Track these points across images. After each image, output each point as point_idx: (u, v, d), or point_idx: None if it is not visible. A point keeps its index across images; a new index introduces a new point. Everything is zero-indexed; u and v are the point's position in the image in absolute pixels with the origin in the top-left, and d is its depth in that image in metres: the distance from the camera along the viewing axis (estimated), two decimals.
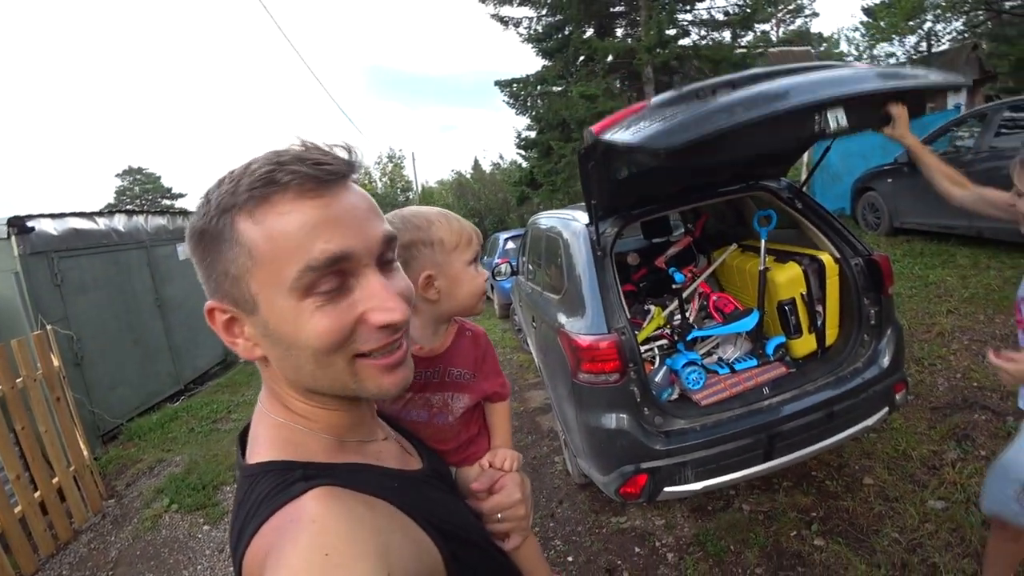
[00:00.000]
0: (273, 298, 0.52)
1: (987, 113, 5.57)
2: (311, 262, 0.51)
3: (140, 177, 41.80)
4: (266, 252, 0.51)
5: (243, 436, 0.64)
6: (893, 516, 2.44)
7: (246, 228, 0.51)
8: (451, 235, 0.94)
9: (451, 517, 0.67)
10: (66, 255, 5.06)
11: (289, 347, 0.54)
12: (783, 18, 32.76)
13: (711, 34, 11.74)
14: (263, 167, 0.52)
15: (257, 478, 0.55)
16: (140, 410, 5.77)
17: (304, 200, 0.52)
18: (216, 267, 0.53)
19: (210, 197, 0.53)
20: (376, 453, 0.66)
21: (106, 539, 3.50)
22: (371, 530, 0.50)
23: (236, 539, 0.53)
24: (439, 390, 0.94)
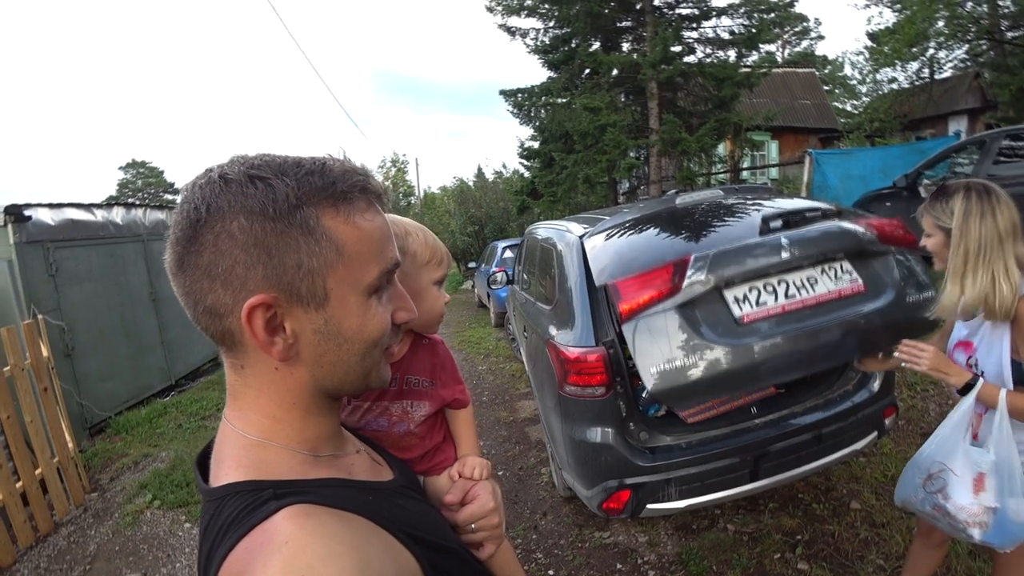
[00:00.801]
0: (347, 295, 0.55)
1: (986, 141, 5.61)
2: (386, 266, 0.59)
3: (143, 171, 41.93)
4: (354, 252, 0.55)
5: (202, 460, 0.61)
6: (879, 542, 2.43)
7: (335, 225, 0.54)
8: (424, 250, 0.96)
9: (427, 526, 0.66)
10: (62, 245, 5.05)
11: (345, 341, 0.57)
12: (789, 39, 33.17)
13: (716, 53, 11.80)
14: (357, 174, 0.57)
15: (224, 500, 0.52)
16: (129, 404, 5.73)
17: (377, 212, 0.59)
18: (285, 257, 0.51)
19: (270, 184, 0.51)
20: (348, 467, 0.66)
21: (86, 533, 3.47)
22: (348, 547, 0.48)
23: (204, 566, 0.50)
24: (397, 398, 0.94)
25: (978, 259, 1.42)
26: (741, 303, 2.05)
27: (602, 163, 10.81)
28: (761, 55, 12.22)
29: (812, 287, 2.08)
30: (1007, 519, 1.41)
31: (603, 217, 2.89)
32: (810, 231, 2.13)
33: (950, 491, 1.48)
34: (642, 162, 12.21)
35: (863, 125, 15.63)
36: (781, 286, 2.08)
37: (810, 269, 2.12)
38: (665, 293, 1.96)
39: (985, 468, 1.43)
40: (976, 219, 1.43)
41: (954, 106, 16.44)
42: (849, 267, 2.16)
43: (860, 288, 2.11)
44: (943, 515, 1.51)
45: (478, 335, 8.53)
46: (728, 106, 11.26)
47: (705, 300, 2.01)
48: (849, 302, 2.07)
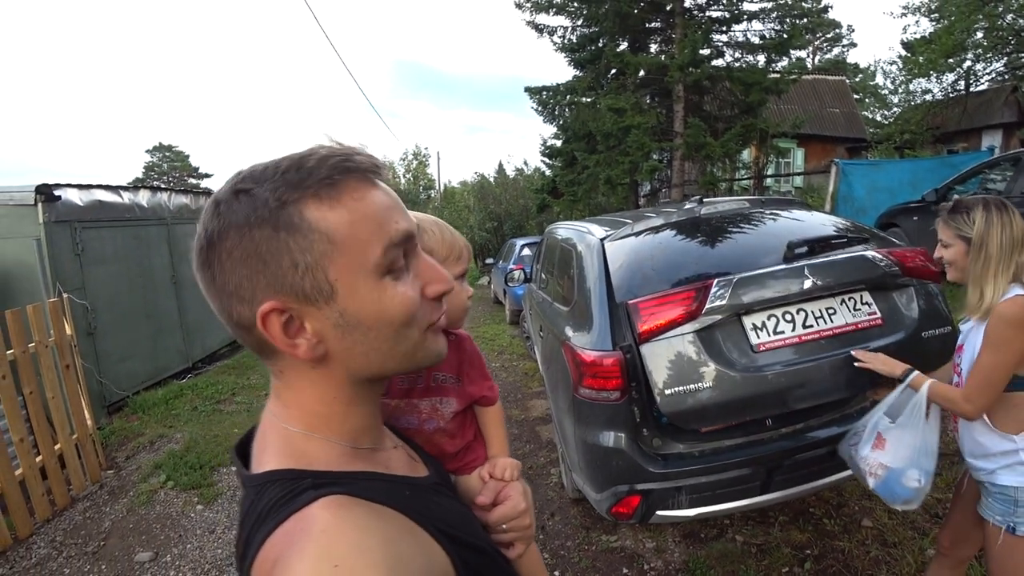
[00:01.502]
0: (354, 282, 0.53)
1: (1021, 157, 5.45)
2: (392, 239, 0.54)
3: (169, 154, 42.66)
4: (347, 236, 0.52)
5: (241, 447, 0.63)
6: (890, 562, 2.38)
7: (321, 214, 0.51)
8: (442, 246, 0.95)
9: (460, 524, 0.66)
10: (89, 225, 5.16)
11: (369, 329, 0.55)
12: (820, 46, 32.60)
13: (745, 57, 11.64)
14: (328, 156, 0.53)
15: (265, 487, 0.54)
16: (147, 384, 5.86)
17: (372, 186, 0.55)
18: (280, 261, 0.51)
19: (251, 194, 0.51)
20: (386, 461, 0.66)
21: (101, 509, 3.55)
22: (381, 540, 0.49)
23: (243, 549, 0.52)
24: (425, 395, 0.95)
25: (998, 266, 1.52)
26: (759, 331, 2.07)
27: (624, 164, 10.74)
28: (791, 61, 12.04)
29: (830, 318, 2.10)
30: (898, 480, 1.70)
31: (625, 221, 2.87)
32: (833, 260, 2.13)
33: (860, 445, 1.81)
34: (665, 165, 12.11)
35: (893, 136, 15.31)
36: (800, 315, 2.09)
37: (830, 299, 2.12)
38: (685, 317, 1.99)
39: (883, 429, 1.75)
40: (997, 229, 1.53)
41: (989, 120, 16.02)
42: (869, 299, 2.17)
43: (878, 322, 2.13)
44: (853, 462, 1.85)
45: (492, 332, 8.54)
46: (755, 112, 11.12)
47: (723, 325, 2.04)
48: (865, 335, 2.09)
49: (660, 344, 2.01)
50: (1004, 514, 1.54)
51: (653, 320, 2.00)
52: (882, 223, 7.15)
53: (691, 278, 2.17)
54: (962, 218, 1.60)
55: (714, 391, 1.97)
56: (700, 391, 1.98)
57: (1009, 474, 1.52)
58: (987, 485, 1.60)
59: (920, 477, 1.68)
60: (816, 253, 2.20)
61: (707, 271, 2.19)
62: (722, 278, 2.03)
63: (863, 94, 25.22)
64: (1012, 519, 1.52)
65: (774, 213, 2.71)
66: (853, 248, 2.26)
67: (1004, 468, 1.53)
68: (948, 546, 1.86)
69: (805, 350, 2.06)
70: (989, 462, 1.57)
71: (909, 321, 2.17)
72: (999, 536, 1.55)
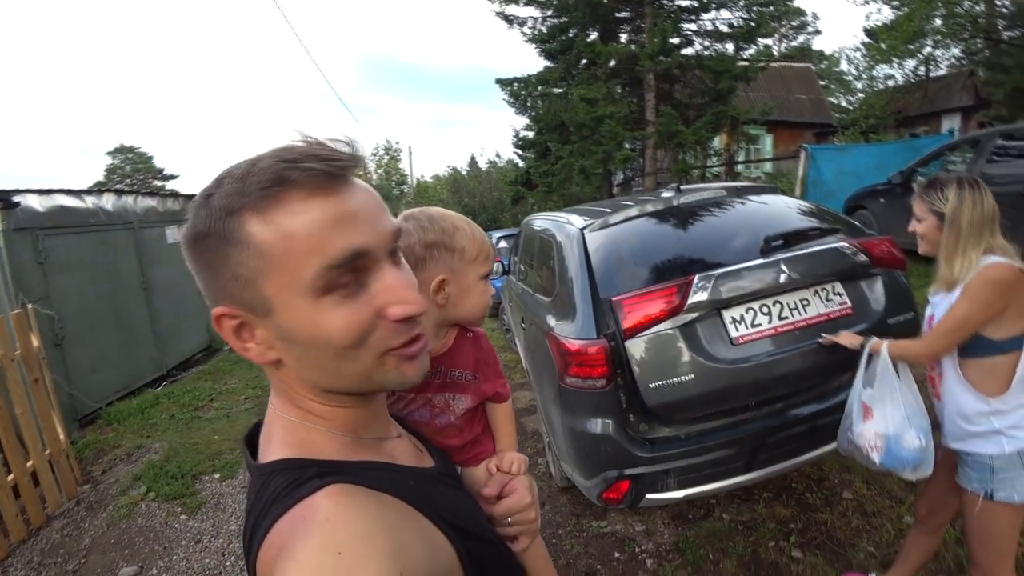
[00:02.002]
0: (290, 299, 0.51)
1: (980, 140, 5.65)
2: (331, 260, 0.50)
3: (132, 156, 41.31)
4: (281, 253, 0.50)
5: (250, 438, 0.64)
6: (870, 530, 2.46)
7: (257, 229, 0.50)
8: (473, 246, 0.96)
9: (465, 515, 0.67)
10: (51, 232, 4.97)
11: (309, 347, 0.53)
12: (786, 33, 33.17)
13: (714, 45, 11.79)
14: (273, 164, 0.50)
15: (270, 476, 0.54)
16: (121, 394, 5.69)
17: (317, 197, 0.51)
18: (224, 271, 0.51)
19: (211, 198, 0.51)
20: (391, 451, 0.66)
21: (80, 526, 3.44)
22: (384, 528, 0.49)
23: (249, 537, 0.53)
24: (440, 391, 0.95)
25: (968, 241, 1.58)
26: (738, 324, 2.14)
27: (598, 154, 10.81)
28: (759, 49, 12.22)
29: (804, 309, 2.18)
30: (898, 446, 1.72)
31: (604, 209, 2.88)
32: (807, 253, 2.20)
33: (852, 424, 1.83)
34: (638, 154, 12.20)
35: (858, 121, 15.72)
36: (776, 307, 2.17)
37: (804, 291, 2.20)
38: (667, 313, 2.05)
39: (866, 399, 1.79)
40: (968, 206, 1.59)
41: (948, 104, 16.56)
42: (840, 289, 2.25)
43: (848, 311, 2.22)
44: (855, 448, 1.84)
45: None
46: (725, 99, 11.28)
47: (704, 319, 2.10)
48: (836, 324, 2.18)
49: (644, 339, 2.07)
50: (981, 481, 1.59)
51: (636, 316, 2.05)
52: (850, 206, 7.34)
53: (672, 272, 2.22)
54: (936, 194, 1.65)
55: (697, 384, 2.05)
56: (683, 384, 2.05)
57: (984, 443, 1.58)
58: (963, 455, 1.66)
59: (919, 435, 1.71)
60: (791, 246, 2.27)
61: (687, 265, 2.24)
62: (702, 274, 2.08)
63: (829, 80, 25.79)
64: (989, 486, 1.57)
65: (750, 201, 2.76)
66: (825, 240, 2.33)
67: (979, 438, 1.60)
68: (925, 514, 1.94)
69: (781, 341, 2.14)
70: (967, 427, 1.62)
71: (876, 309, 2.27)
72: (977, 503, 1.60)
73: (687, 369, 2.05)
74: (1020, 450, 1.54)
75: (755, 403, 2.31)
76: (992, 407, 1.56)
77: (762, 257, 2.19)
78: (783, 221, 2.54)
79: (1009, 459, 1.55)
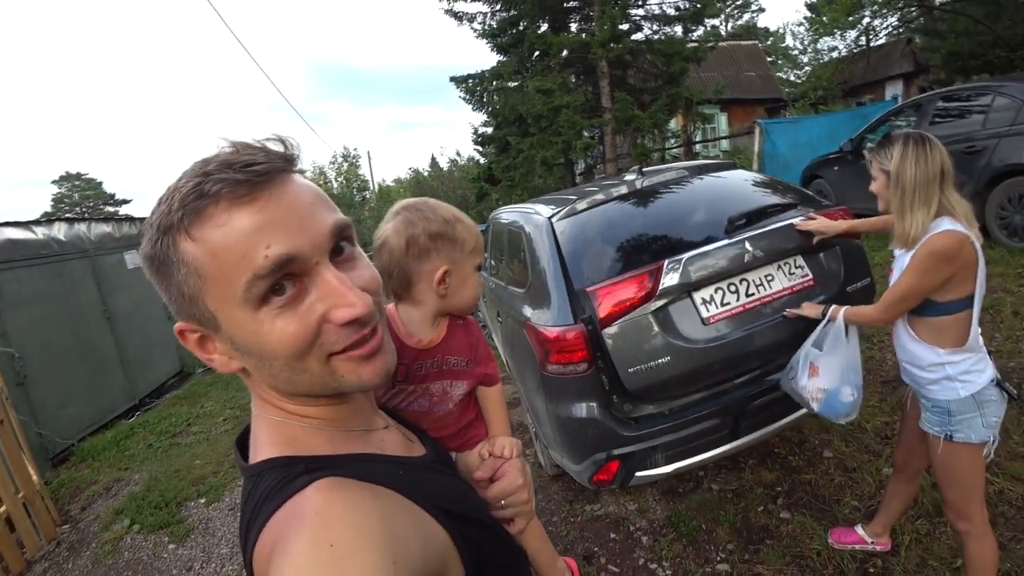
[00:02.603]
0: (230, 313, 0.51)
1: (922, 103, 5.89)
2: (257, 271, 0.49)
3: (79, 183, 39.70)
4: (212, 269, 0.49)
5: (241, 440, 0.64)
6: (852, 485, 2.56)
7: (187, 248, 0.50)
8: (471, 237, 0.98)
9: (458, 500, 0.67)
10: (2, 267, 4.77)
11: (260, 358, 0.54)
12: (731, 13, 33.78)
13: (663, 29, 11.96)
14: (190, 181, 0.49)
15: (261, 476, 0.55)
16: (92, 428, 5.50)
17: (238, 207, 0.49)
18: (172, 290, 0.52)
19: (151, 220, 0.52)
20: (379, 442, 0.67)
21: (63, 567, 3.33)
22: (376, 519, 0.49)
23: (244, 537, 0.53)
24: (438, 379, 0.97)
25: (914, 197, 1.60)
26: (708, 304, 2.21)
27: (558, 144, 10.87)
28: (707, 30, 12.45)
29: (769, 284, 2.27)
30: (836, 399, 1.92)
31: (569, 197, 2.91)
32: (770, 230, 2.28)
33: (797, 377, 1.99)
34: (597, 141, 12.31)
35: (807, 94, 16.19)
36: (743, 285, 2.24)
37: (768, 267, 2.28)
38: (641, 300, 2.11)
39: (813, 359, 1.94)
40: (911, 163, 1.61)
41: (890, 71, 17.17)
42: (801, 262, 2.34)
43: (810, 283, 2.32)
44: (795, 392, 2.02)
45: None
46: (678, 81, 11.45)
47: (676, 303, 2.17)
48: (800, 296, 2.28)
49: (619, 326, 2.12)
50: (941, 424, 1.68)
51: (610, 305, 2.10)
52: (807, 176, 7.56)
53: (642, 258, 2.26)
54: (884, 152, 1.70)
55: (673, 365, 2.12)
56: (661, 367, 2.12)
57: (940, 390, 1.67)
58: (923, 401, 1.75)
59: (852, 391, 1.91)
60: (753, 224, 2.34)
61: (656, 250, 2.28)
62: (671, 258, 2.13)
63: (776, 56, 26.42)
64: (948, 428, 1.66)
65: (711, 178, 2.81)
66: (785, 215, 2.41)
67: (935, 384, 1.68)
68: (902, 463, 2.03)
69: (750, 316, 2.23)
70: (922, 374, 1.71)
71: (836, 279, 2.38)
72: (939, 445, 1.70)
73: (663, 352, 2.12)
74: (974, 393, 1.62)
75: (732, 376, 2.38)
76: (943, 358, 1.64)
77: (727, 237, 2.25)
78: (744, 198, 2.61)
79: (964, 402, 1.63)
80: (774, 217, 2.38)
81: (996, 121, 4.87)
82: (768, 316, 2.23)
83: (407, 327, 0.97)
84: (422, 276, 0.94)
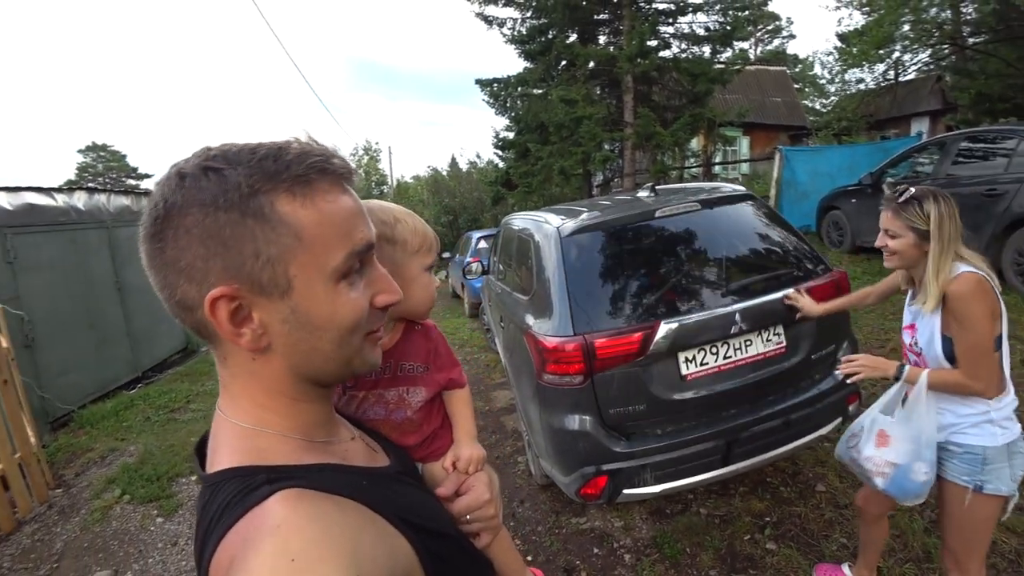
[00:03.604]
0: (312, 281, 0.53)
1: (946, 142, 5.83)
2: (356, 247, 0.56)
3: (104, 154, 40.35)
4: (316, 235, 0.53)
5: (200, 447, 0.62)
6: (842, 522, 2.53)
7: (292, 210, 0.52)
8: (415, 237, 0.95)
9: (423, 512, 0.66)
10: (20, 231, 4.85)
11: (316, 329, 0.55)
12: (761, 38, 33.77)
13: (691, 48, 11.96)
14: (305, 154, 0.53)
15: (219, 486, 0.53)
16: (93, 397, 5.56)
17: (342, 191, 0.56)
18: (243, 248, 0.51)
19: (223, 173, 0.51)
20: (343, 453, 0.65)
21: (52, 530, 3.37)
22: (340, 531, 0.49)
23: (200, 550, 0.51)
24: (392, 385, 0.94)
25: (948, 255, 1.58)
26: (689, 363, 2.31)
27: (577, 155, 10.88)
28: (735, 52, 12.41)
29: (746, 348, 2.38)
30: (907, 476, 1.66)
31: (580, 209, 2.91)
32: (760, 304, 2.35)
33: (861, 446, 1.78)
34: (616, 155, 12.32)
35: (831, 123, 16.06)
36: (723, 348, 2.35)
37: (750, 334, 2.37)
38: (633, 356, 2.22)
39: (885, 426, 1.71)
40: (948, 221, 1.58)
41: (917, 107, 17.05)
42: (780, 330, 2.43)
43: (782, 350, 2.41)
44: (857, 465, 1.81)
45: (452, 325, 8.52)
46: (702, 101, 11.44)
47: (661, 359, 2.27)
48: (769, 361, 2.39)
49: (607, 374, 2.24)
50: (971, 474, 1.59)
51: (607, 356, 2.22)
52: (823, 206, 7.52)
53: (639, 308, 2.36)
54: (914, 210, 1.61)
55: (648, 411, 2.29)
56: (637, 411, 2.28)
57: (977, 434, 1.59)
58: (951, 448, 1.64)
59: (927, 469, 1.65)
60: (747, 295, 2.38)
61: (653, 300, 2.38)
62: (667, 321, 2.24)
63: (803, 84, 26.31)
64: (979, 478, 1.57)
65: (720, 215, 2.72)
66: (780, 286, 2.43)
67: (975, 428, 1.59)
68: (862, 504, 2.00)
69: (723, 376, 2.34)
70: (964, 417, 1.61)
71: (805, 346, 2.45)
72: (966, 496, 1.60)
73: (640, 400, 2.27)
74: (1008, 443, 1.57)
75: (727, 401, 2.37)
76: (989, 403, 1.58)
77: (720, 303, 2.34)
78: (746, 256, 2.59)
79: (999, 451, 1.57)
80: (767, 291, 2.41)
81: (1020, 166, 4.82)
82: (739, 376, 2.35)
83: None
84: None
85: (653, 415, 2.29)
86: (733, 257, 2.54)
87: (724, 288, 2.41)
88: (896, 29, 11.63)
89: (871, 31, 11.65)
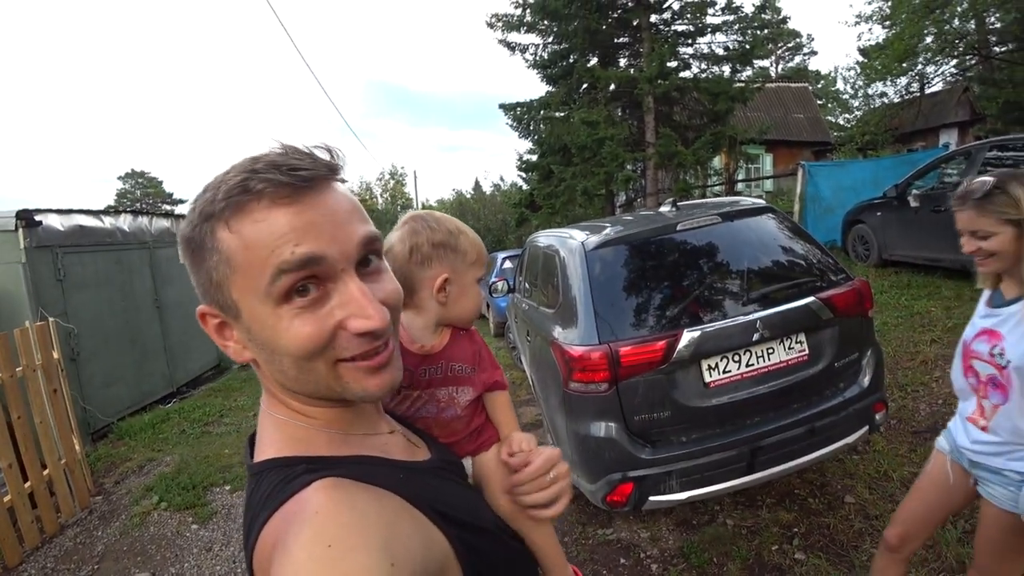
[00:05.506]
0: (252, 305, 0.53)
1: (972, 151, 5.76)
2: (281, 265, 0.51)
3: (142, 181, 42.07)
4: (242, 260, 0.52)
5: (252, 438, 0.66)
6: (872, 533, 2.50)
7: (224, 237, 0.52)
8: (473, 249, 1.02)
9: (461, 506, 0.67)
10: (70, 251, 5.14)
11: (271, 352, 0.55)
12: (782, 55, 33.71)
13: (711, 68, 12.07)
14: (237, 175, 0.52)
15: (263, 475, 0.56)
16: (132, 410, 5.78)
17: (278, 207, 0.52)
18: (202, 274, 0.55)
19: (195, 205, 0.55)
20: (382, 446, 0.67)
21: (92, 534, 3.51)
22: (375, 520, 0.50)
23: (246, 534, 0.54)
24: (443, 384, 0.99)
25: None
26: (712, 371, 2.35)
27: (600, 176, 10.98)
28: (755, 70, 12.54)
29: (769, 356, 2.40)
30: None
31: (604, 225, 2.98)
32: (782, 313, 2.38)
33: None
34: (639, 175, 12.39)
35: (855, 138, 15.92)
36: (745, 355, 2.38)
37: (772, 342, 2.39)
38: (657, 364, 2.27)
39: None
40: None
41: (944, 119, 16.77)
42: (802, 338, 2.44)
43: (804, 358, 2.42)
44: None
45: None
46: (723, 120, 11.49)
47: (685, 367, 2.32)
48: (793, 369, 2.40)
49: (632, 381, 2.29)
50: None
51: (631, 364, 2.27)
52: (848, 220, 7.44)
53: (663, 318, 2.41)
54: (1002, 199, 1.38)
55: (672, 418, 2.32)
56: (661, 418, 2.31)
57: None
58: (1007, 472, 1.45)
59: None
60: (768, 303, 2.42)
61: (677, 310, 2.43)
62: (690, 330, 2.28)
63: (825, 99, 26.13)
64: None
65: (741, 226, 2.76)
66: (801, 294, 2.45)
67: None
68: (897, 543, 1.72)
69: (746, 383, 2.36)
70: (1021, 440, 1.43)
71: (828, 353, 2.46)
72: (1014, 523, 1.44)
73: (665, 408, 2.31)
74: None
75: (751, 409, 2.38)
76: None
77: (742, 312, 2.37)
78: (767, 266, 2.62)
79: None
80: (789, 300, 2.43)
81: None
82: (761, 383, 2.36)
83: (410, 333, 0.99)
84: (424, 283, 0.98)
85: (677, 422, 2.31)
86: (754, 267, 2.57)
87: (745, 297, 2.44)
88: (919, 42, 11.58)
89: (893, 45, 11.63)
